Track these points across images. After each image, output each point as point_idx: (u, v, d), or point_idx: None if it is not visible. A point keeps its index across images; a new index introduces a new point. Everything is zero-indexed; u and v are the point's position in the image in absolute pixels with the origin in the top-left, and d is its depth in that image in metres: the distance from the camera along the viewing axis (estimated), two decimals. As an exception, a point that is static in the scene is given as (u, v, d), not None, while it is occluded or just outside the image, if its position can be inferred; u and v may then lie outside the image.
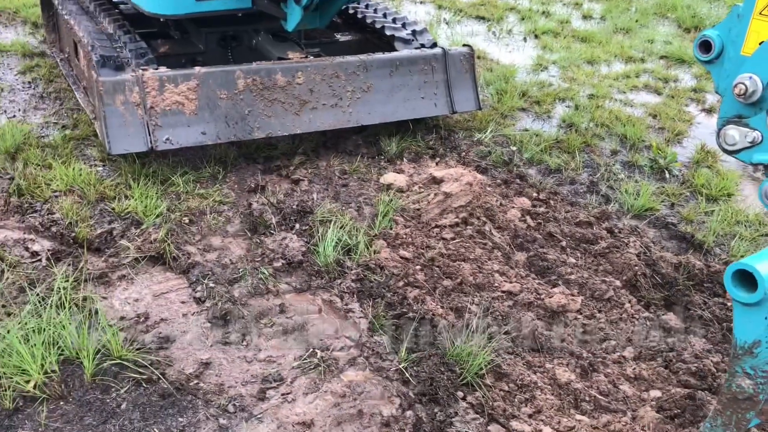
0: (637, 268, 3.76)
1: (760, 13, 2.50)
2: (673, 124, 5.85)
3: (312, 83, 4.66)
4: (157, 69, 4.35)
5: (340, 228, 3.90)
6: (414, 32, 5.55)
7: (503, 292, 3.54)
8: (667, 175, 5.06)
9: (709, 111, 6.28)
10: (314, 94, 4.68)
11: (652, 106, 6.22)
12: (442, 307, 3.40)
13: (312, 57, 4.91)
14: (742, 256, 4.05)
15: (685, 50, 7.58)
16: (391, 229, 4.01)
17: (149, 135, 4.19)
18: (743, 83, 2.44)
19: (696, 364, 3.14)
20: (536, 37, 7.91)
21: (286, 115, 4.59)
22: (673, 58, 7.47)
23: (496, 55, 7.28)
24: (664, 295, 3.69)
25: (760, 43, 2.45)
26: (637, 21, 8.65)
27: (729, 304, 3.66)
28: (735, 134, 2.50)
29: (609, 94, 6.40)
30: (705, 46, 2.57)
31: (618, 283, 3.69)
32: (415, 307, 3.37)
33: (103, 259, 3.64)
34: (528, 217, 4.22)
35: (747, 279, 2.06)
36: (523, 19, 8.43)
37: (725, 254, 4.13)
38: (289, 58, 4.80)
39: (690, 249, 4.17)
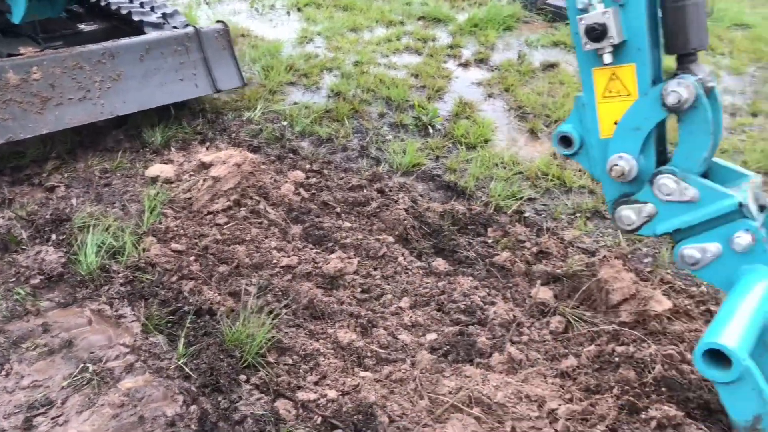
0: (406, 222, 3.93)
1: (603, 97, 2.57)
2: (433, 82, 6.16)
3: (52, 78, 4.29)
4: None
5: (104, 231, 3.66)
6: (164, 15, 5.31)
7: (282, 267, 3.54)
8: (431, 131, 5.33)
9: (465, 65, 6.70)
10: (57, 89, 4.31)
11: (414, 66, 6.51)
12: (219, 294, 3.33)
13: (49, 50, 4.51)
14: (499, 196, 4.39)
15: (440, 9, 8.01)
16: (160, 223, 3.84)
17: None
18: (617, 165, 2.49)
19: (464, 302, 3.37)
20: (299, 9, 7.92)
21: (27, 116, 4.19)
22: (429, 18, 7.85)
23: (260, 31, 7.19)
24: (432, 243, 3.90)
25: (615, 123, 2.50)
26: (394, -14, 8.97)
27: (489, 241, 3.96)
28: (630, 214, 2.56)
29: (373, 60, 6.59)
30: (564, 141, 2.61)
31: (391, 239, 3.84)
32: (191, 300, 3.27)
33: None
34: (302, 190, 4.24)
35: (717, 357, 2.01)
36: (285, -8, 8.40)
37: (485, 196, 4.45)
38: (21, 54, 4.37)
39: (454, 196, 4.44)
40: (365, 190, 4.31)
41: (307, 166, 4.58)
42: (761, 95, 6.26)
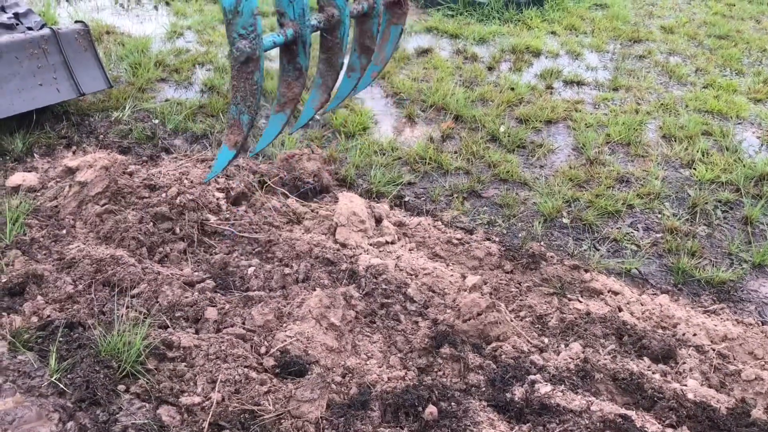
0: (287, 214, 3.91)
1: None
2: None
3: None
4: None
5: (-40, 248, 3.42)
6: (17, 15, 4.98)
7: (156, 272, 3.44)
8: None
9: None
10: None
11: (290, 58, 6.45)
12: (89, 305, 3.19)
13: None
14: (379, 182, 4.45)
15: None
16: (25, 234, 3.62)
17: None
18: None
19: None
20: (167, 3, 7.66)
21: None
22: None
23: (127, 27, 6.89)
24: (314, 234, 3.90)
25: None
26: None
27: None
28: None
29: (247, 52, 6.47)
30: None
31: (272, 233, 3.81)
32: (62, 313, 3.11)
33: None
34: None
35: None
36: (151, -14, 8.09)
37: (367, 183, 4.49)
38: None
39: (335, 185, 4.45)
40: (244, 186, 4.24)
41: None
42: (621, 71, 6.65)
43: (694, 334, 3.30)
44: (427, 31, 7.42)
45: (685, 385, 3.00)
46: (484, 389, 2.94)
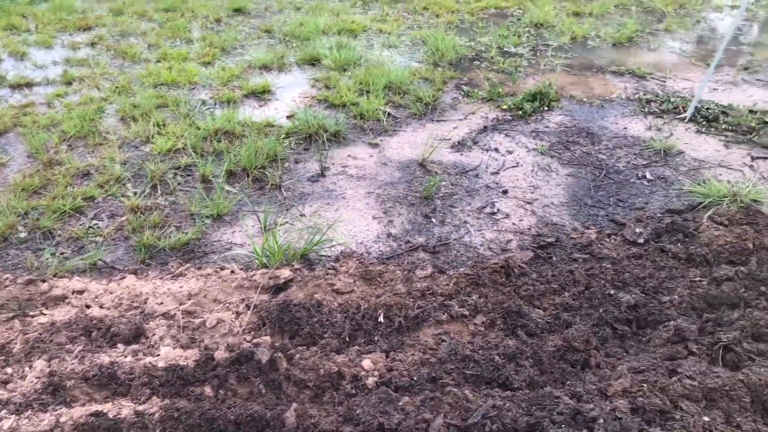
0: None
1: None
2: None
3: None
4: None
5: None
6: None
7: None
8: None
9: None
10: None
11: None
12: None
13: None
14: None
15: None
16: None
17: None
18: None
19: None
20: None
21: None
22: None
23: None
24: None
25: None
26: None
27: None
28: None
29: None
30: None
31: None
32: None
33: None
34: None
35: None
36: None
37: None
38: None
39: None
40: None
41: None
42: (72, 63, 6.42)
43: (161, 303, 3.41)
44: None
45: (158, 355, 3.08)
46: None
